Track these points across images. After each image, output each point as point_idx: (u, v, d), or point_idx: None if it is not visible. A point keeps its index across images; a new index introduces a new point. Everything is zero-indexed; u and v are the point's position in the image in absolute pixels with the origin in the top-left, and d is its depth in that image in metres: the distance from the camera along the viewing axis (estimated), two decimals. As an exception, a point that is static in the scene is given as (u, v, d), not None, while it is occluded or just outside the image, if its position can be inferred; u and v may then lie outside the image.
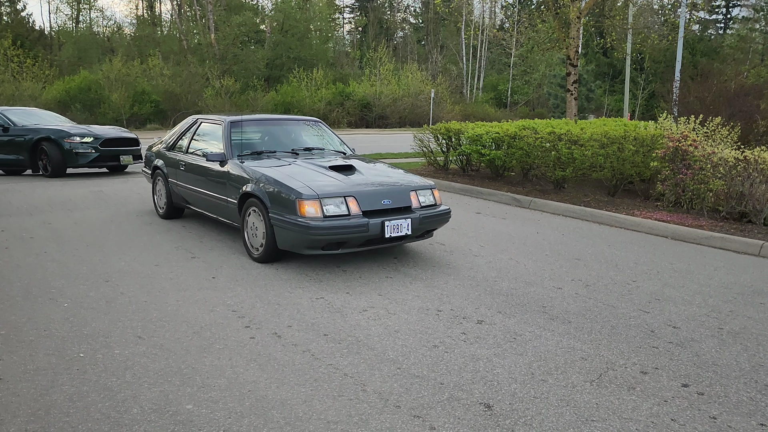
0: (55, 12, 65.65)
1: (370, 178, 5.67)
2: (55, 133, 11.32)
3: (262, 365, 3.50)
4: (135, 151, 12.24)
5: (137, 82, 31.82)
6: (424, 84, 37.54)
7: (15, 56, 31.66)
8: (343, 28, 61.14)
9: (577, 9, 15.25)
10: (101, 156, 11.54)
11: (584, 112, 35.73)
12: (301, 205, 5.00)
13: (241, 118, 6.70)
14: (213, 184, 6.28)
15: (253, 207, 5.58)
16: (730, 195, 7.77)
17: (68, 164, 11.33)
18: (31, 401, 3.05)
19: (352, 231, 5.01)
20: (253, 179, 5.60)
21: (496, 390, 3.24)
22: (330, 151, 6.80)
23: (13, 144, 11.59)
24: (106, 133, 11.91)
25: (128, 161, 12.02)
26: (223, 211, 6.21)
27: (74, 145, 11.26)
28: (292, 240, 5.13)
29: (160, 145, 7.82)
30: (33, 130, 11.51)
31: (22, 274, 5.24)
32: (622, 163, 9.04)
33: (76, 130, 11.55)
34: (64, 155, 11.24)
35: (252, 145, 6.50)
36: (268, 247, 5.42)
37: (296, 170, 5.65)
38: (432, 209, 5.63)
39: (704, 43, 43.29)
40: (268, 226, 5.34)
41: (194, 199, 6.83)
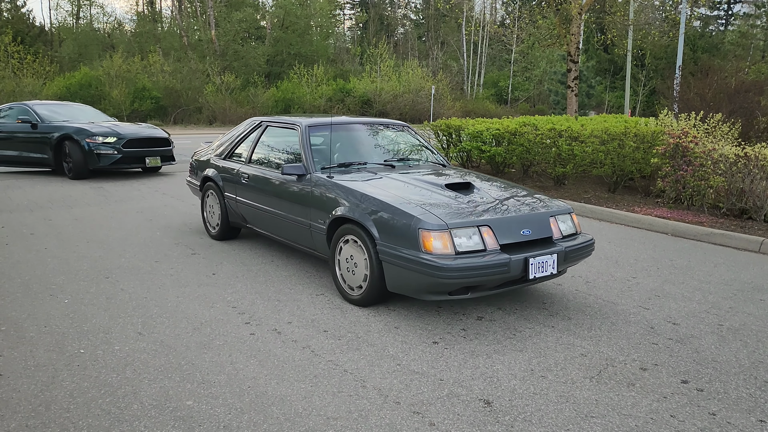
0: (56, 8, 65.65)
1: (499, 200, 4.51)
2: (76, 131, 10.58)
3: (262, 361, 3.50)
4: (164, 152, 11.39)
5: (138, 79, 31.81)
6: (425, 80, 37.49)
7: (15, 52, 31.61)
8: (344, 24, 61.08)
9: (578, 5, 15.22)
10: (124, 158, 10.68)
11: (585, 109, 35.70)
12: (425, 238, 3.85)
13: (320, 120, 5.58)
14: (288, 203, 5.13)
15: (350, 236, 4.40)
16: (730, 191, 7.77)
17: (89, 165, 10.53)
18: (31, 397, 3.06)
19: (490, 272, 3.83)
20: (348, 200, 4.46)
21: (496, 386, 3.24)
22: (428, 162, 5.72)
23: (40, 142, 11.02)
24: (132, 132, 11.02)
25: (154, 163, 11.12)
26: (302, 236, 5.04)
27: (95, 145, 10.44)
28: (411, 282, 3.96)
29: (210, 152, 6.67)
30: (58, 128, 10.86)
31: (22, 271, 5.24)
32: (623, 160, 9.03)
33: (99, 129, 10.69)
34: (85, 156, 10.47)
35: (334, 155, 5.29)
36: (373, 287, 4.25)
37: (406, 189, 4.50)
38: (575, 239, 4.45)
39: (705, 40, 43.23)
40: (374, 263, 4.18)
41: (259, 219, 5.66)
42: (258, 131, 6.03)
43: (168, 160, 11.49)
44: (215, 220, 6.41)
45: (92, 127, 10.77)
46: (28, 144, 11.17)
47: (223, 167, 6.22)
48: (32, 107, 11.57)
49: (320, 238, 4.76)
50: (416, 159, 5.72)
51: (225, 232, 6.31)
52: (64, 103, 13.02)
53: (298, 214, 5.01)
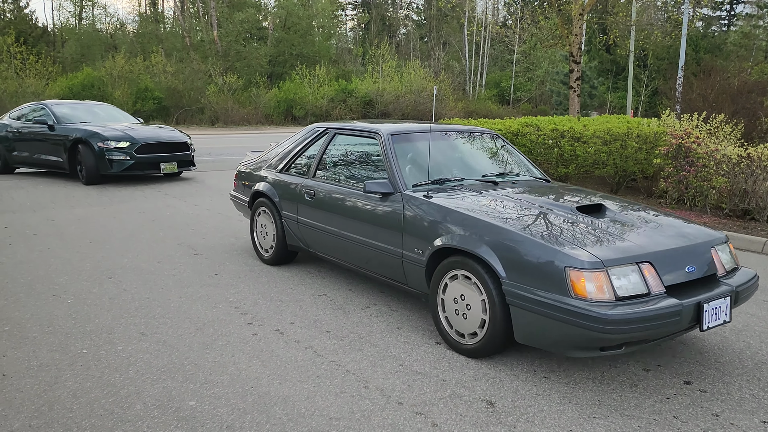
0: (58, 9, 65.69)
1: (644, 225, 3.64)
2: (90, 135, 9.98)
3: (264, 362, 3.50)
4: (182, 157, 10.70)
5: (140, 79, 31.84)
6: (427, 81, 37.48)
7: (18, 53, 31.67)
8: (346, 24, 61.09)
9: (579, 6, 15.21)
10: (137, 163, 10.06)
11: (587, 109, 35.66)
12: (575, 279, 3.03)
13: (403, 128, 4.72)
14: (370, 227, 4.27)
15: (460, 271, 3.59)
16: (733, 192, 7.76)
17: (101, 171, 9.98)
18: (34, 397, 3.07)
19: (660, 322, 3.01)
20: (456, 226, 3.62)
21: (499, 387, 3.24)
22: (530, 178, 4.81)
23: (55, 144, 10.51)
24: (148, 136, 10.36)
25: (170, 169, 10.41)
26: (389, 267, 4.18)
27: (108, 150, 9.86)
28: (552, 333, 3.14)
29: (262, 163, 5.80)
30: (73, 130, 10.28)
31: (25, 271, 5.25)
32: (625, 160, 9.02)
33: (112, 133, 10.07)
34: (97, 161, 9.93)
35: (422, 169, 4.36)
36: (494, 336, 3.42)
37: (530, 213, 3.69)
38: (739, 276, 3.60)
39: (708, 40, 43.16)
40: (497, 306, 3.35)
41: (327, 244, 4.80)
42: (324, 140, 5.13)
43: (186, 166, 10.85)
44: (268, 242, 5.53)
45: (105, 130, 10.16)
46: (45, 146, 10.74)
47: (280, 182, 5.33)
48: (50, 107, 11.13)
49: (415, 271, 3.91)
50: (515, 173, 4.79)
51: (281, 256, 5.44)
52: (87, 103, 12.43)
53: (384, 241, 4.14)
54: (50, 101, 11.58)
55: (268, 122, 32.65)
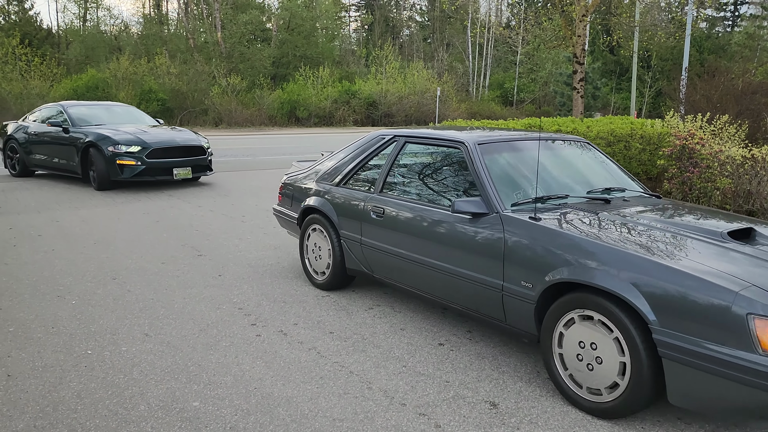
0: (63, 11, 65.96)
1: None
2: (100, 138, 9.57)
3: (268, 363, 3.51)
4: (198, 162, 10.22)
5: (144, 81, 31.95)
6: (430, 82, 37.52)
7: (23, 55, 31.82)
8: (349, 26, 61.16)
9: (582, 7, 15.20)
10: (148, 169, 9.57)
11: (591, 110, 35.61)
12: (761, 330, 2.42)
13: (490, 136, 4.14)
14: (459, 253, 3.60)
15: (583, 311, 2.96)
16: (737, 193, 7.74)
17: (111, 176, 9.54)
18: (39, 398, 3.08)
19: None
20: (578, 256, 2.99)
21: (502, 388, 3.24)
22: (640, 194, 4.15)
23: (69, 147, 10.11)
24: (161, 140, 9.86)
25: (184, 175, 9.94)
26: (484, 301, 3.51)
27: (118, 154, 9.41)
28: (728, 397, 2.50)
29: (312, 174, 5.15)
30: (87, 133, 9.85)
31: (30, 272, 5.27)
32: (629, 161, 9.01)
33: (123, 137, 9.63)
34: (107, 166, 9.49)
35: (515, 184, 3.75)
36: (638, 394, 2.78)
37: (674, 241, 3.06)
38: None
39: (712, 41, 43.08)
40: (642, 358, 2.71)
41: (399, 270, 4.15)
42: (392, 149, 4.50)
43: (202, 171, 10.36)
44: (322, 264, 4.87)
45: (116, 133, 9.71)
46: (60, 149, 10.36)
47: (338, 196, 4.69)
48: (66, 109, 10.73)
49: (521, 308, 3.27)
50: (620, 189, 4.10)
51: (338, 280, 4.78)
52: (107, 104, 11.88)
53: (477, 270, 3.49)
54: (68, 102, 11.22)
55: (272, 123, 32.70)
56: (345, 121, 34.51)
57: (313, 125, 33.62)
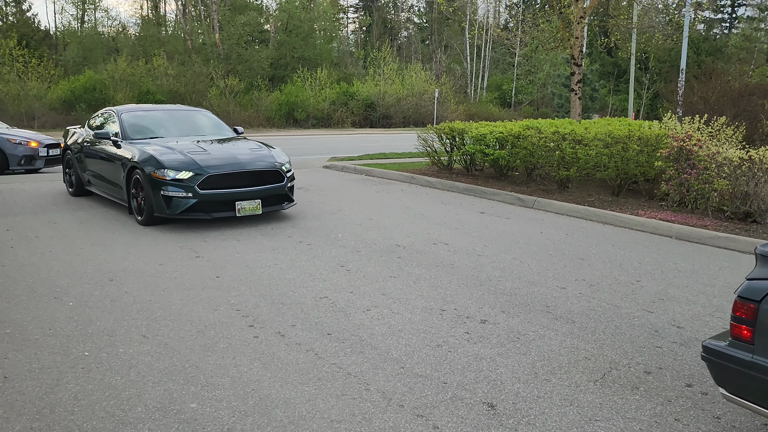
0: (60, 12, 65.95)
1: None
2: (145, 159, 7.21)
3: (265, 364, 3.50)
4: (271, 191, 7.45)
5: (142, 82, 31.94)
6: (428, 84, 37.54)
7: (20, 56, 31.77)
8: (347, 27, 61.16)
9: (580, 9, 15.22)
10: (200, 203, 7.00)
11: (588, 112, 35.64)
12: None
13: None
14: None
15: None
16: (734, 195, 7.75)
17: (155, 210, 7.11)
18: (36, 399, 3.07)
19: None
20: None
21: (500, 389, 3.24)
22: None
23: (117, 167, 7.86)
24: (221, 161, 7.28)
25: (250, 211, 7.21)
26: None
27: (161, 183, 6.96)
28: None
29: None
30: (135, 150, 7.54)
31: (27, 273, 5.26)
32: (627, 163, 9.02)
33: (170, 157, 7.16)
34: (151, 196, 7.09)
35: None
36: None
37: None
38: None
39: (709, 43, 43.16)
40: None
41: None
42: None
43: (278, 203, 7.61)
44: None
45: (163, 153, 7.28)
46: (109, 167, 8.19)
47: None
48: (119, 115, 8.50)
49: None
50: None
51: None
52: (172, 109, 9.54)
53: None
54: (123, 107, 8.98)
55: (270, 125, 32.69)
56: (343, 122, 34.51)
57: (311, 127, 33.62)
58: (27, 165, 12.46)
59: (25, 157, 12.35)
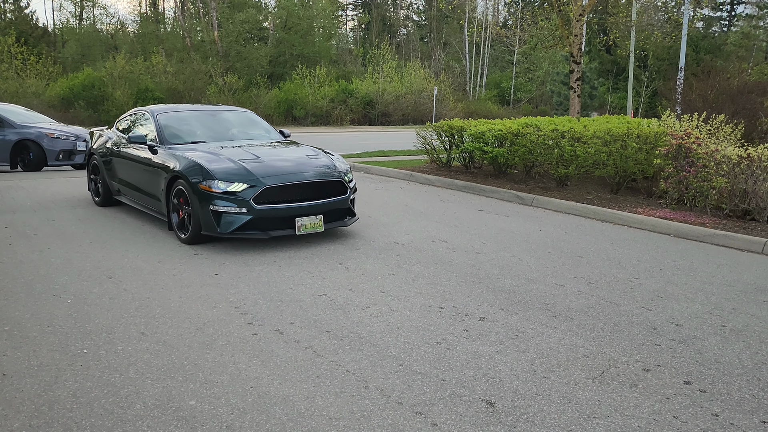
0: (59, 9, 65.71)
1: None
2: (188, 167, 6.25)
3: (264, 362, 3.50)
4: (334, 205, 6.45)
5: (140, 80, 31.87)
6: (427, 81, 37.51)
7: (19, 53, 31.73)
8: (346, 25, 61.10)
9: (579, 7, 15.21)
10: (256, 220, 6.00)
11: (587, 110, 35.65)
12: None
13: None
14: None
15: None
16: (733, 192, 7.76)
17: (203, 228, 6.11)
18: (34, 397, 3.07)
19: None
20: None
21: (498, 387, 3.24)
22: None
23: (155, 176, 6.86)
24: (279, 170, 6.26)
25: (311, 228, 6.17)
26: None
27: (211, 196, 5.99)
28: None
29: None
30: (174, 158, 6.57)
31: (25, 271, 5.26)
32: (625, 161, 9.03)
33: (220, 166, 6.16)
34: (200, 211, 6.07)
35: None
36: None
37: None
38: None
39: (708, 41, 43.19)
40: None
41: None
42: None
43: (340, 218, 6.59)
44: None
45: (212, 160, 6.31)
46: (144, 176, 7.17)
47: None
48: (155, 116, 7.50)
49: None
50: None
51: None
52: (213, 110, 8.29)
53: None
54: (160, 107, 7.89)
55: (269, 123, 32.62)
56: (342, 120, 34.48)
57: (310, 124, 33.59)
58: (66, 160, 12.04)
59: (64, 151, 11.98)
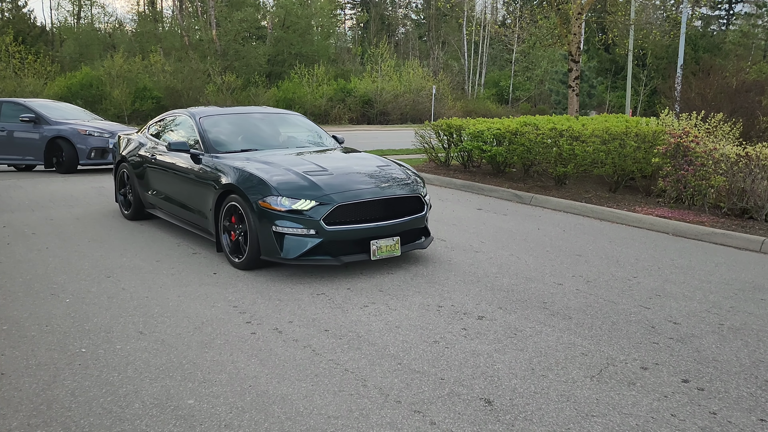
0: (57, 8, 65.74)
1: None
2: (244, 180, 5.33)
3: (263, 360, 3.50)
4: (410, 225, 5.54)
5: (139, 79, 31.86)
6: (426, 80, 37.51)
7: (17, 52, 31.69)
8: (345, 24, 61.05)
9: (578, 5, 15.22)
10: (327, 244, 5.09)
11: (586, 109, 35.66)
12: None
13: None
14: None
15: None
16: (731, 191, 7.76)
17: (263, 252, 5.17)
18: (33, 396, 3.07)
19: None
20: None
21: (497, 385, 3.24)
22: None
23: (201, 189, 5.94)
24: (353, 187, 5.33)
25: (387, 252, 5.26)
26: None
27: (273, 215, 5.06)
28: None
29: None
30: (227, 168, 5.63)
31: (24, 270, 5.25)
32: (624, 159, 9.03)
33: (283, 178, 5.28)
34: (257, 232, 5.16)
35: None
36: None
37: None
38: None
39: (706, 39, 43.22)
40: None
41: None
42: None
43: (415, 238, 5.70)
44: None
45: (272, 172, 5.37)
46: (186, 189, 6.23)
47: None
48: (198, 119, 6.53)
49: None
50: None
51: None
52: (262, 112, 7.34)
53: None
54: (201, 110, 6.83)
55: (267, 122, 32.58)
56: (340, 119, 34.47)
57: (309, 123, 33.52)
58: (98, 159, 11.34)
59: (96, 150, 11.25)
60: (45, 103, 12.62)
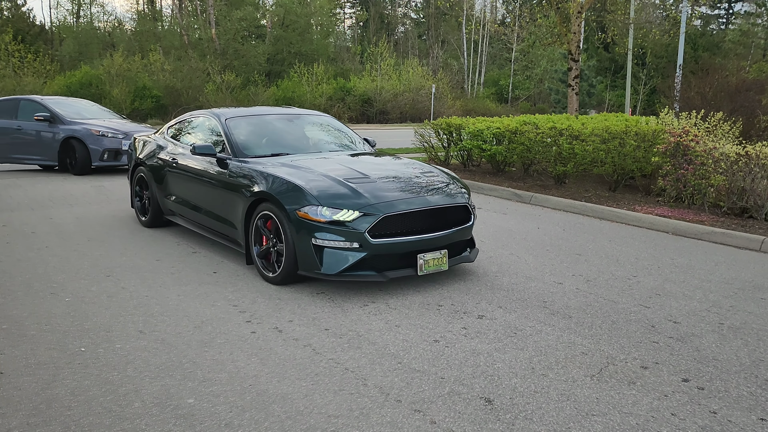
0: (56, 7, 65.68)
1: None
2: (284, 189, 4.89)
3: (263, 359, 3.50)
4: (457, 236, 5.12)
5: (138, 77, 31.82)
6: (425, 79, 37.49)
7: (16, 51, 31.65)
8: (344, 23, 61.02)
9: (577, 4, 15.22)
10: (372, 259, 4.67)
11: (585, 108, 35.67)
12: None
13: None
14: None
15: None
16: (731, 190, 7.77)
17: (300, 267, 4.77)
18: (32, 395, 3.06)
19: None
20: None
21: (497, 384, 3.24)
22: None
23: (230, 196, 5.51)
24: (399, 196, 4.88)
25: (435, 266, 4.85)
26: None
27: (313, 226, 4.64)
28: None
29: None
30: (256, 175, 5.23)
31: (23, 269, 5.25)
32: (624, 159, 9.03)
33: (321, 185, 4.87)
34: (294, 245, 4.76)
35: None
36: None
37: None
38: None
39: (706, 38, 43.23)
40: None
41: None
42: None
43: (462, 251, 5.30)
44: None
45: (311, 180, 4.93)
46: (214, 196, 5.81)
47: None
48: (224, 122, 6.12)
49: None
50: None
51: None
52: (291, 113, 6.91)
53: None
54: (225, 111, 6.43)
55: (267, 121, 32.55)
56: (340, 118, 34.41)
57: (308, 122, 33.49)
58: (111, 160, 11.04)
59: (109, 151, 10.92)
60: (62, 101, 12.24)
